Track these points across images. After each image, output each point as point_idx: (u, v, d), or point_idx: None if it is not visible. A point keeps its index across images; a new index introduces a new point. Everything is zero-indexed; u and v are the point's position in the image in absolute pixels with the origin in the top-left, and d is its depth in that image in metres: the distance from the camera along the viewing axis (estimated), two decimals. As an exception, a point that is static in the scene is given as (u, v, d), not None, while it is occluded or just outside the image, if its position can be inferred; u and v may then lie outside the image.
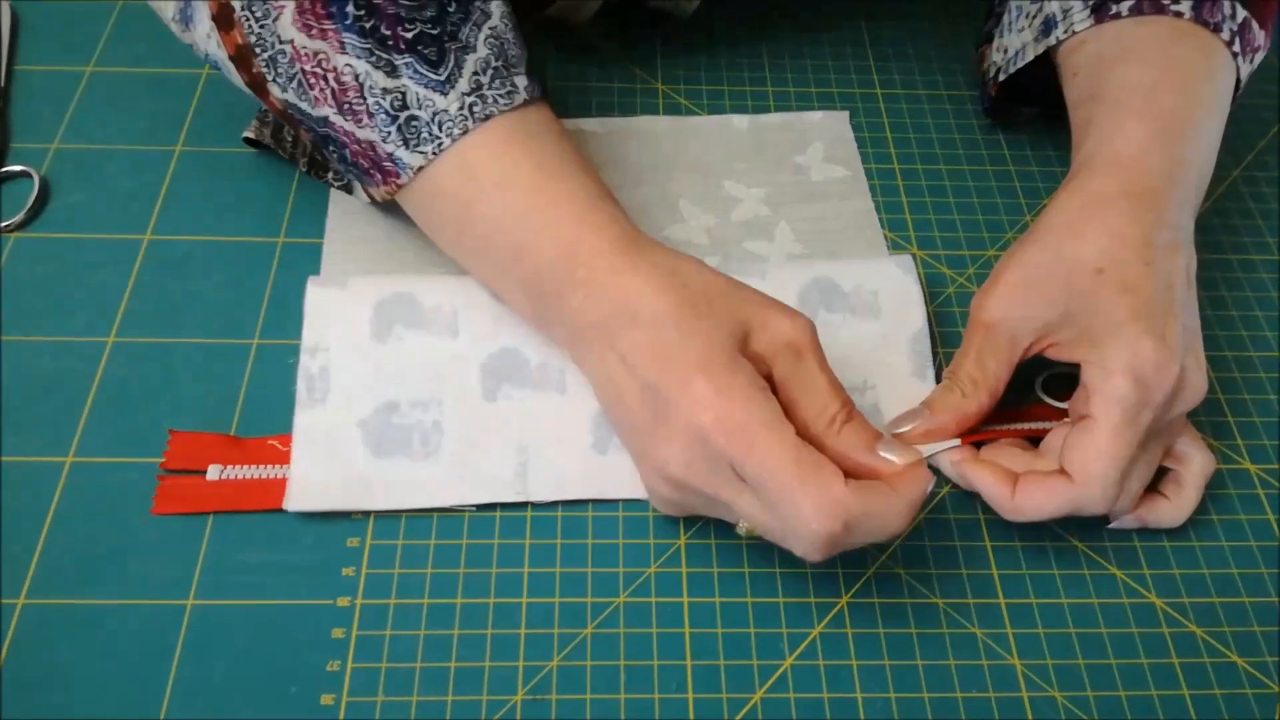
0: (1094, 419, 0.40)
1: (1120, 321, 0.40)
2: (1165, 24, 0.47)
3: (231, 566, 0.41)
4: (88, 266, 0.49)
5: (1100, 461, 0.40)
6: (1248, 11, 0.47)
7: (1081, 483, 0.40)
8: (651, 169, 0.55)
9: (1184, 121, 0.45)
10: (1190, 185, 0.44)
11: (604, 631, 0.41)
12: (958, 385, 0.43)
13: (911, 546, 0.44)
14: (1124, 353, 0.40)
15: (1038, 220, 0.44)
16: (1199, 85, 0.46)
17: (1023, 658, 0.41)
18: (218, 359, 0.47)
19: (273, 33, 0.42)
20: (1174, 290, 0.41)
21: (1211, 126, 0.46)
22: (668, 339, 0.38)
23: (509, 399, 0.45)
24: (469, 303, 0.47)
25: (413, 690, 0.39)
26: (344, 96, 0.42)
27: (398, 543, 0.42)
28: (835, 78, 0.61)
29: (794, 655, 0.41)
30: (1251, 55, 0.48)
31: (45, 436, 0.44)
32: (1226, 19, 0.47)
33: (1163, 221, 0.42)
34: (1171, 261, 0.42)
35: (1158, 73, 0.46)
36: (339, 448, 0.43)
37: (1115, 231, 0.42)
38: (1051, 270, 0.42)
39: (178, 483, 0.43)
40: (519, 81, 0.43)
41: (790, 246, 0.52)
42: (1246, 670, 0.41)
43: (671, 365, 0.38)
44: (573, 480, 0.44)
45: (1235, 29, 0.47)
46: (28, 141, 0.54)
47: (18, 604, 0.40)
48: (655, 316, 0.39)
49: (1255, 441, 0.48)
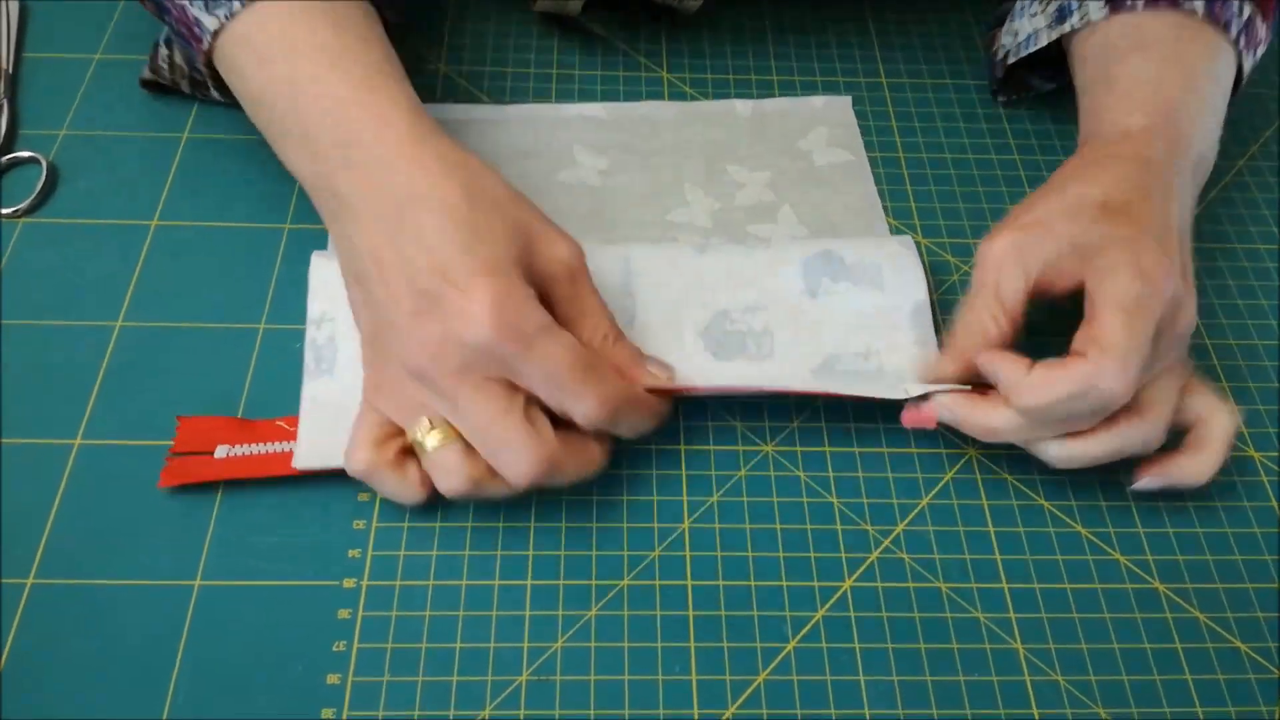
0: (1102, 317, 0.40)
1: (1124, 237, 0.41)
2: (1176, 18, 0.48)
3: (238, 548, 0.42)
4: (95, 252, 0.50)
5: (1115, 334, 0.39)
6: (1253, 6, 0.49)
7: (1096, 357, 0.39)
8: (657, 153, 0.56)
9: (1187, 114, 0.46)
10: (1188, 170, 0.45)
11: (608, 614, 0.41)
12: (978, 323, 0.42)
13: (914, 532, 0.44)
14: (1129, 258, 0.40)
15: (1041, 187, 0.45)
16: (1204, 81, 0.47)
17: (1025, 642, 0.41)
18: (224, 344, 0.47)
19: None
20: (1172, 224, 0.43)
21: (1213, 121, 0.48)
22: (453, 236, 0.38)
23: None
24: None
25: (418, 670, 0.39)
26: None
27: (403, 525, 0.43)
28: (841, 66, 0.61)
29: (797, 638, 0.41)
30: (1255, 49, 0.50)
31: (53, 419, 0.44)
32: (1235, 16, 0.48)
33: (1162, 178, 0.44)
34: (1170, 203, 0.43)
35: (1165, 66, 0.47)
36: (346, 416, 0.43)
37: (1120, 176, 0.43)
38: (1058, 208, 0.43)
39: (185, 460, 0.43)
40: None
41: (794, 230, 0.53)
42: (1249, 655, 0.41)
43: (453, 263, 0.38)
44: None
45: (1242, 25, 0.48)
46: (36, 128, 0.54)
47: (26, 584, 0.40)
48: (443, 206, 0.39)
49: (1259, 429, 0.48)
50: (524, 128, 0.56)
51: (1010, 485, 0.45)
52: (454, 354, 0.38)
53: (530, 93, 0.58)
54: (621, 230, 0.52)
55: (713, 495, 0.44)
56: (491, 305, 0.37)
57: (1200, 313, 0.51)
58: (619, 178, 0.54)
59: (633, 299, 0.46)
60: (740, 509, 0.44)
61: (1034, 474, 0.46)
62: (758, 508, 0.44)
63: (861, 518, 0.44)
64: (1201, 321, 0.51)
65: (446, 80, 0.58)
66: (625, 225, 0.52)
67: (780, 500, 0.44)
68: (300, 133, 0.42)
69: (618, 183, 0.54)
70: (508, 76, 0.59)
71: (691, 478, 0.45)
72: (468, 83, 0.58)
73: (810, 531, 0.43)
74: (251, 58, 0.43)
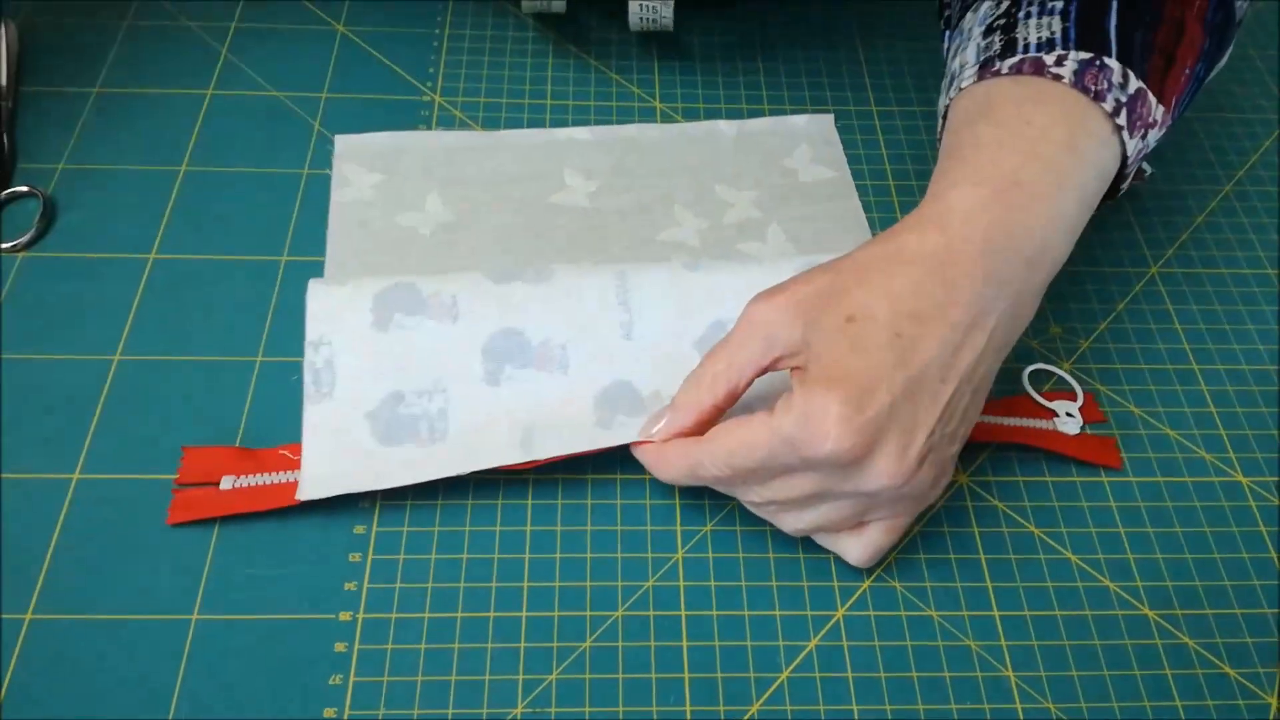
0: (751, 421, 0.39)
1: (828, 372, 0.38)
2: (1036, 86, 0.43)
3: (235, 581, 0.42)
4: (93, 285, 0.50)
5: (720, 448, 0.40)
6: (1142, 83, 0.43)
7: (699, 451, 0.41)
8: (645, 175, 0.56)
9: (1029, 189, 0.40)
10: (1020, 260, 0.40)
11: (603, 645, 0.41)
12: (700, 379, 0.42)
13: (906, 560, 0.44)
14: (810, 401, 0.37)
15: (854, 250, 0.41)
16: (1055, 152, 0.41)
17: (1017, 670, 0.41)
18: (222, 376, 0.47)
19: None
20: (911, 370, 0.38)
21: (1067, 199, 0.41)
22: None
23: (511, 380, 0.46)
24: (469, 289, 0.47)
25: (414, 704, 0.39)
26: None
27: (399, 557, 0.43)
28: (831, 94, 0.62)
29: (790, 668, 0.41)
30: (1144, 130, 0.44)
31: (51, 453, 0.45)
32: (1114, 87, 0.42)
33: (953, 299, 0.39)
34: (934, 345, 0.38)
35: (1007, 134, 0.42)
36: (348, 440, 0.44)
37: (892, 293, 0.39)
38: (821, 296, 0.39)
39: (192, 494, 0.43)
40: None
41: (783, 247, 0.53)
42: (1239, 681, 0.42)
43: None
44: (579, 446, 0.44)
45: (1124, 100, 0.43)
46: (34, 162, 0.55)
47: (25, 619, 0.41)
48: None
49: (1247, 454, 0.48)
50: (514, 153, 0.57)
51: (1001, 512, 0.46)
52: None
53: (524, 123, 0.59)
54: (613, 251, 0.53)
55: (706, 525, 0.45)
56: None
57: (1188, 338, 0.52)
58: (609, 199, 0.55)
59: (629, 312, 0.47)
60: (733, 538, 0.44)
61: (1024, 501, 0.46)
62: (750, 537, 0.44)
63: (854, 546, 0.44)
64: (1190, 347, 0.52)
65: (441, 110, 0.59)
66: (616, 246, 0.53)
67: (773, 530, 0.44)
68: None
69: (608, 204, 0.55)
70: (501, 107, 0.60)
71: (685, 507, 0.45)
72: (461, 113, 0.59)
73: (803, 560, 0.44)
74: None
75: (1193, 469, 0.48)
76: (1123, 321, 0.53)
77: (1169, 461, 0.48)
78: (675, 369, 0.45)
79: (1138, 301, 0.54)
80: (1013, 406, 0.48)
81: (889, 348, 0.38)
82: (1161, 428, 0.49)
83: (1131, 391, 0.50)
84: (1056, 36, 0.44)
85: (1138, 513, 0.46)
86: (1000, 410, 0.47)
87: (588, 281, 0.47)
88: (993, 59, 0.45)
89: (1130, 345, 0.52)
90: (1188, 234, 0.57)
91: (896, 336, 0.38)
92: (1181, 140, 0.62)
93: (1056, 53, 0.43)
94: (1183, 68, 0.45)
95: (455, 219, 0.53)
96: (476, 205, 0.54)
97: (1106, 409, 0.49)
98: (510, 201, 0.54)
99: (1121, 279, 0.55)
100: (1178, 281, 0.55)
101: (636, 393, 0.46)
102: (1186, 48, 0.45)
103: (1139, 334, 0.52)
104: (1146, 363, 0.51)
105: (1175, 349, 0.52)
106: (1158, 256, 0.56)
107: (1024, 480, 0.47)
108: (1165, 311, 0.53)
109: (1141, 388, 0.50)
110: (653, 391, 0.46)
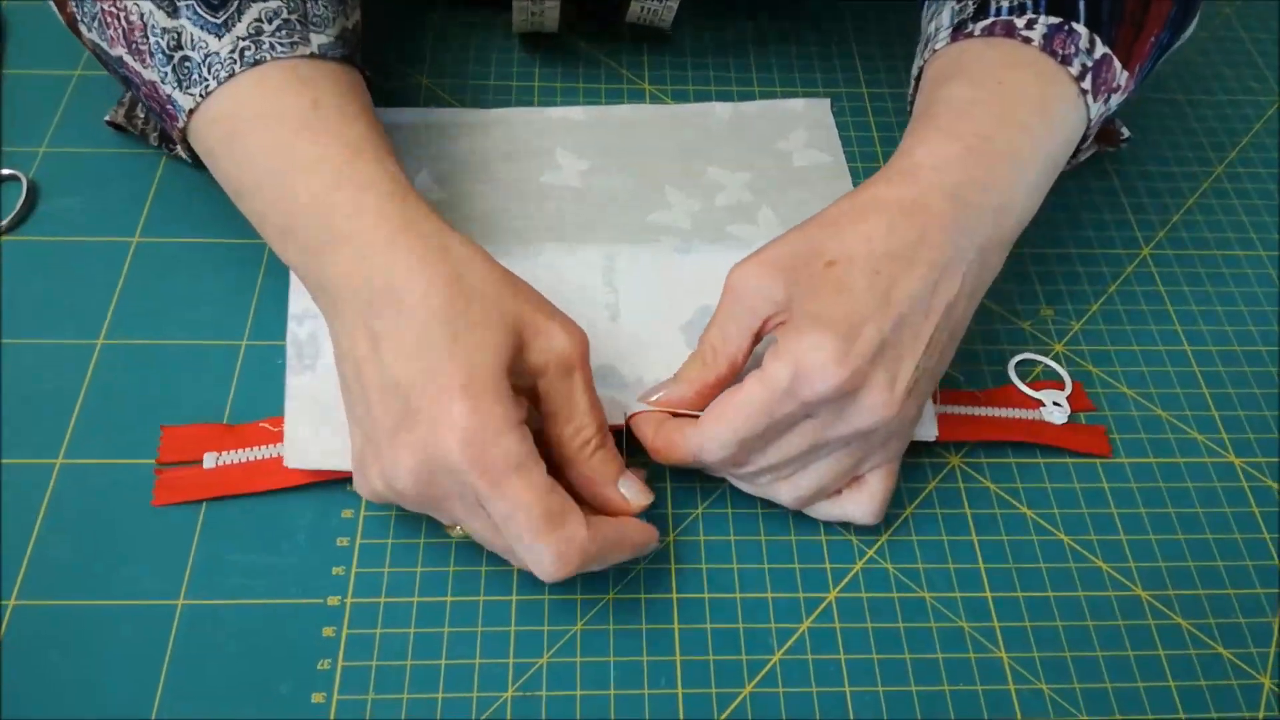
0: (743, 385, 0.39)
1: (815, 314, 0.38)
2: (1008, 48, 0.44)
3: (222, 566, 0.41)
4: (76, 270, 0.50)
5: (719, 424, 0.39)
6: (1109, 49, 0.44)
7: (699, 435, 0.40)
8: (637, 155, 0.56)
9: (998, 146, 0.41)
10: (988, 210, 0.41)
11: (594, 628, 0.41)
12: (701, 355, 0.42)
13: (898, 542, 0.44)
14: (799, 343, 0.38)
15: (824, 209, 0.42)
16: (1025, 113, 0.42)
17: (1010, 651, 0.41)
18: (207, 361, 0.47)
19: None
20: (894, 306, 0.38)
21: (1034, 157, 0.42)
22: (432, 340, 0.36)
23: None
24: None
25: (403, 688, 0.39)
26: (132, 36, 0.42)
27: (387, 541, 0.43)
28: (822, 76, 0.62)
29: (782, 650, 0.41)
30: (1106, 95, 0.45)
31: (35, 439, 0.44)
32: (1080, 52, 0.43)
33: (926, 240, 0.39)
34: (913, 282, 0.39)
35: (980, 94, 0.43)
36: (330, 412, 0.43)
37: (865, 235, 0.39)
38: (798, 253, 0.40)
39: (176, 474, 0.43)
40: (314, 38, 0.42)
41: (773, 231, 0.53)
42: (1232, 661, 0.42)
43: (431, 373, 0.36)
44: None
45: (1090, 65, 0.44)
46: (16, 145, 0.54)
47: (9, 605, 0.40)
48: (423, 302, 0.36)
49: (1239, 435, 0.48)
50: (506, 131, 0.56)
51: (993, 494, 0.46)
52: (433, 474, 0.36)
53: (513, 104, 0.58)
54: (603, 231, 0.52)
55: (698, 508, 0.44)
56: (462, 435, 0.35)
57: (1180, 319, 0.52)
58: (600, 179, 0.55)
59: (616, 293, 0.47)
60: (725, 521, 0.44)
61: (1016, 482, 0.46)
62: (742, 519, 0.44)
63: (846, 528, 0.44)
64: (1182, 329, 0.52)
65: (429, 93, 0.58)
66: (607, 226, 0.52)
67: (764, 512, 0.44)
68: (280, 223, 0.40)
69: (599, 184, 0.54)
70: (490, 89, 0.59)
71: (676, 490, 0.45)
72: (450, 96, 0.58)
73: (795, 543, 0.44)
74: (226, 141, 0.41)
75: (1185, 450, 0.48)
76: (1114, 303, 0.53)
77: (1162, 443, 0.48)
78: (660, 354, 0.44)
79: (1129, 283, 0.54)
80: (999, 397, 0.48)
81: (871, 286, 0.39)
82: (1154, 409, 0.49)
83: (1124, 373, 0.50)
84: (1028, 0, 0.44)
85: (1130, 494, 0.46)
86: (986, 401, 0.47)
87: (575, 260, 0.47)
88: (965, 21, 0.46)
89: (1122, 326, 0.52)
90: (1179, 215, 0.57)
91: (876, 274, 0.39)
92: (1173, 121, 0.62)
93: (1027, 16, 0.44)
94: (1149, 34, 0.46)
95: (445, 196, 0.53)
96: (467, 183, 0.54)
97: (1098, 391, 0.49)
98: (501, 180, 0.54)
99: (1113, 260, 0.55)
100: (1169, 263, 0.55)
101: (621, 378, 0.46)
102: (1154, 15, 0.46)
103: (1131, 315, 0.52)
104: (1138, 344, 0.51)
105: (1167, 330, 0.52)
106: (1149, 238, 0.56)
107: (1016, 462, 0.47)
108: (1157, 293, 0.53)
109: (1134, 369, 0.50)
110: (636, 377, 0.45)
